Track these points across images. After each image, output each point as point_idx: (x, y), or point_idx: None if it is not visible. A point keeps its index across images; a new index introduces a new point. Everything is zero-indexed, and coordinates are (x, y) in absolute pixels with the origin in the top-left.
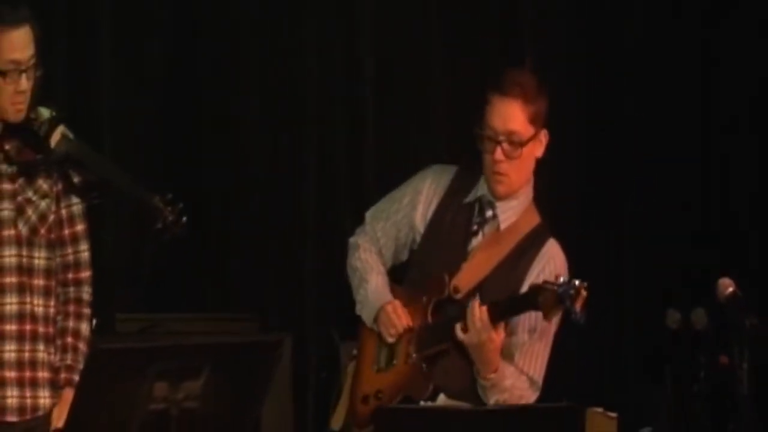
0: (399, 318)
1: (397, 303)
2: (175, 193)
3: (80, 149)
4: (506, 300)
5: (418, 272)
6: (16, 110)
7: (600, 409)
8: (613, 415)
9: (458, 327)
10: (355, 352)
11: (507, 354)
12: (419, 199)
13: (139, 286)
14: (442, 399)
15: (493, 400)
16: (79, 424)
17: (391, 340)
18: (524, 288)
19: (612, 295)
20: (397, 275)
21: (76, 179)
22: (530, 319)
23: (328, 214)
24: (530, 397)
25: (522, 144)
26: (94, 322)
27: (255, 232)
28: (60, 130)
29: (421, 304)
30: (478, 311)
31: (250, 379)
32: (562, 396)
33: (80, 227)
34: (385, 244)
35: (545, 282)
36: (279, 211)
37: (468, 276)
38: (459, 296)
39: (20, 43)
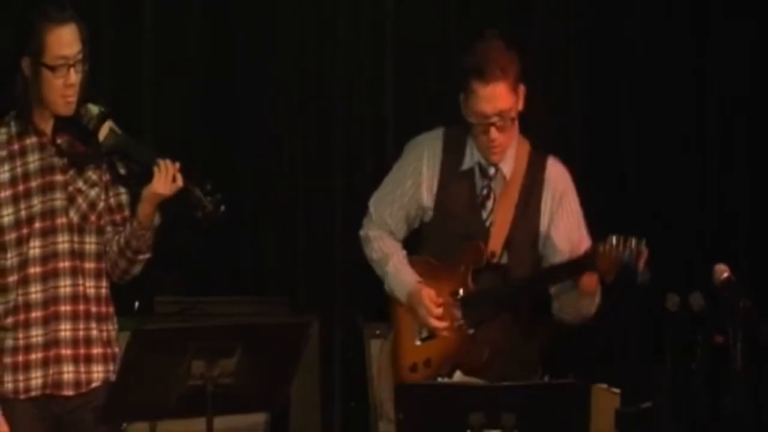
0: (434, 303)
1: (425, 290)
2: (214, 181)
3: (126, 142)
4: (550, 270)
5: (436, 243)
6: (66, 103)
7: (604, 386)
8: (617, 390)
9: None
10: (378, 332)
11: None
12: (421, 179)
13: (178, 271)
14: (458, 375)
15: (587, 309)
16: (123, 399)
17: (436, 329)
18: (543, 219)
19: (617, 280)
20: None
21: (122, 170)
22: (563, 223)
23: (354, 206)
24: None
25: (510, 110)
26: (136, 304)
27: (286, 221)
28: (108, 125)
29: (458, 273)
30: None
31: (281, 358)
32: (570, 373)
33: (126, 214)
34: (396, 225)
35: (600, 244)
36: (308, 202)
37: (497, 238)
38: (495, 260)
39: (67, 39)
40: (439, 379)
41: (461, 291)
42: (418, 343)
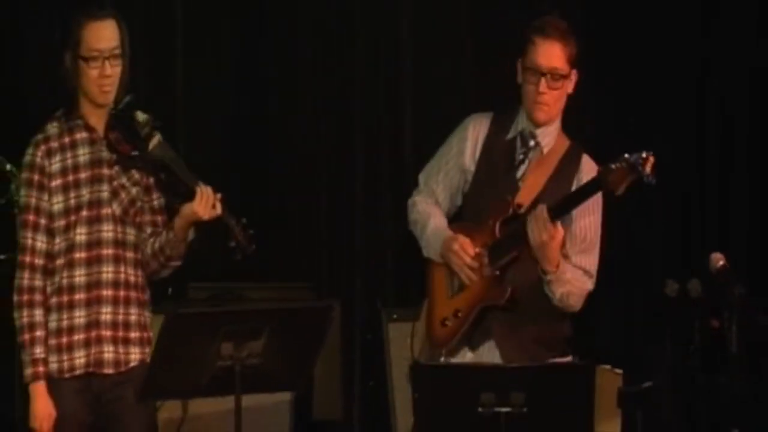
0: (467, 252)
1: (460, 237)
2: (244, 179)
3: (173, 158)
4: (567, 196)
5: (473, 206)
6: (102, 92)
7: (608, 367)
8: (619, 371)
9: (528, 230)
10: (395, 316)
11: (565, 254)
12: (465, 145)
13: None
14: (469, 357)
15: (558, 293)
16: (158, 379)
17: (466, 279)
18: None
19: (620, 268)
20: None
21: (164, 181)
22: (584, 221)
23: (373, 199)
24: (588, 286)
25: (563, 77)
26: (169, 290)
27: (310, 213)
28: (158, 136)
29: (486, 227)
30: (540, 210)
31: (305, 340)
32: (576, 355)
33: (165, 217)
34: (441, 193)
35: (611, 163)
36: (331, 195)
37: (526, 194)
38: (522, 210)
39: (103, 34)
40: (452, 361)
41: (489, 242)
42: (449, 298)
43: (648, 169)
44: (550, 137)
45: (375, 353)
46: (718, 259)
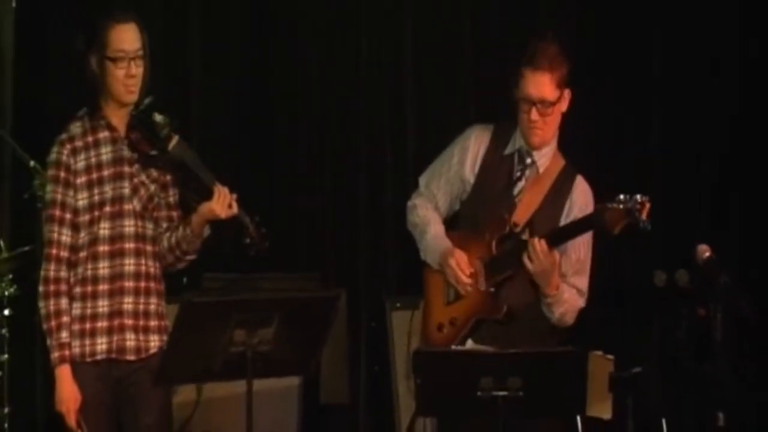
0: (463, 270)
1: (457, 251)
2: (254, 175)
3: (192, 158)
4: (564, 227)
5: (470, 216)
6: (128, 92)
7: (600, 353)
8: (611, 357)
9: (525, 259)
10: (398, 305)
11: (561, 275)
12: (467, 155)
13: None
14: (470, 344)
15: (557, 313)
16: (173, 365)
17: (462, 292)
18: (564, 218)
19: (611, 259)
20: (449, 224)
21: (182, 179)
22: (577, 243)
23: (376, 192)
24: (581, 304)
25: (552, 104)
26: (184, 280)
27: (318, 208)
28: (177, 137)
29: (484, 241)
30: (539, 244)
31: (313, 327)
32: (570, 342)
33: (180, 213)
34: (441, 198)
35: (608, 203)
36: (337, 191)
37: (522, 213)
38: (518, 230)
39: (128, 36)
40: (453, 347)
41: (486, 257)
42: (445, 305)
43: (644, 215)
44: (545, 158)
45: (379, 340)
46: (705, 251)
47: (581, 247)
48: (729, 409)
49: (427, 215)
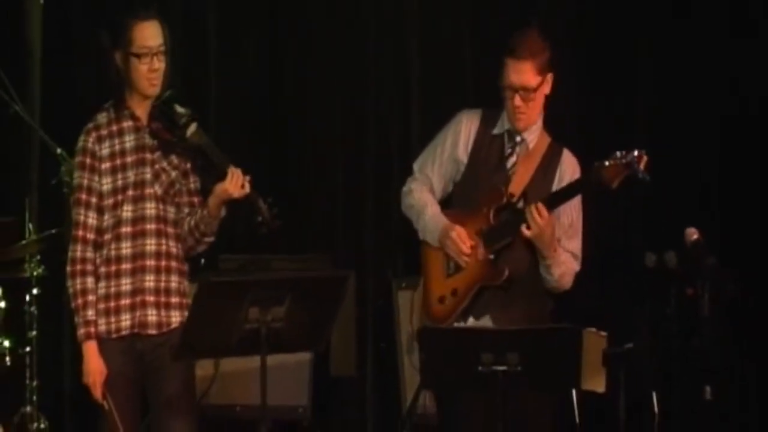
0: (463, 241)
1: (457, 227)
2: (267, 158)
3: (208, 144)
4: (561, 189)
5: (464, 194)
6: (150, 85)
7: (594, 330)
8: (604, 333)
9: (523, 227)
10: (404, 284)
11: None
12: (459, 137)
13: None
14: (471, 321)
15: (557, 274)
16: (191, 341)
17: (463, 264)
18: (555, 187)
19: (604, 241)
20: (443, 206)
21: (200, 164)
22: (568, 209)
23: (383, 178)
24: (576, 267)
25: (534, 90)
26: (202, 261)
27: (328, 192)
28: (195, 125)
29: (481, 214)
30: (538, 209)
31: (323, 306)
32: (565, 320)
33: (200, 198)
34: (436, 181)
35: (604, 160)
36: (346, 174)
37: (516, 184)
38: (514, 200)
39: (150, 33)
40: (455, 325)
41: (484, 228)
42: (445, 277)
43: (642, 166)
44: (534, 134)
45: (385, 318)
46: (693, 234)
47: (572, 211)
48: (715, 383)
49: (423, 197)
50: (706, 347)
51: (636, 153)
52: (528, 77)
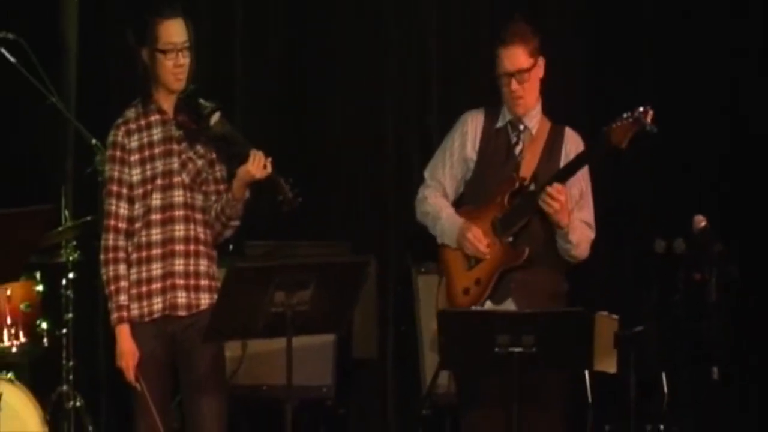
0: (480, 241)
1: (473, 227)
2: (290, 148)
3: (231, 131)
4: (572, 161)
5: (477, 189)
6: (176, 80)
7: (605, 313)
8: (615, 317)
9: (542, 205)
10: (423, 269)
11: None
12: (467, 138)
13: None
14: (488, 305)
15: (574, 240)
16: (220, 323)
17: (483, 253)
18: (563, 164)
19: (616, 228)
20: (456, 205)
21: (224, 151)
22: (577, 180)
23: (404, 167)
24: (591, 235)
25: (528, 71)
26: (230, 246)
27: (350, 180)
28: (218, 115)
29: (495, 203)
30: (553, 188)
31: (345, 290)
32: (578, 303)
33: (226, 186)
34: (448, 185)
35: (611, 123)
36: (368, 166)
37: (526, 169)
38: (526, 183)
39: (175, 30)
40: (473, 308)
41: (499, 214)
42: (467, 270)
43: (649, 119)
44: (535, 120)
45: (406, 301)
46: (700, 221)
47: (581, 182)
48: (722, 364)
49: (438, 202)
50: (712, 330)
51: (642, 109)
52: (520, 60)
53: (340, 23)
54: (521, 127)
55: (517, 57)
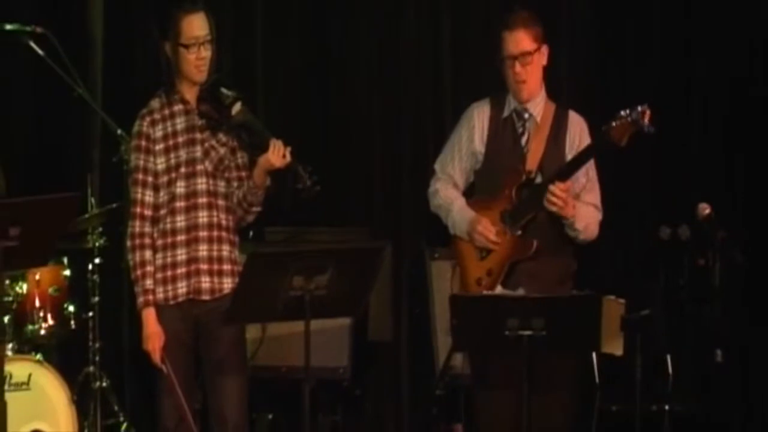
0: (490, 232)
1: (483, 219)
2: (309, 136)
3: (252, 120)
4: (573, 159)
5: (487, 180)
6: (198, 72)
7: (613, 297)
8: (622, 301)
9: (546, 202)
10: (437, 255)
11: (575, 196)
12: (474, 130)
13: (283, 207)
14: (499, 289)
15: (581, 227)
16: (241, 306)
17: (494, 244)
18: (568, 151)
19: (623, 216)
20: (466, 195)
21: (245, 139)
22: (584, 167)
23: (418, 155)
24: (599, 216)
25: (531, 54)
26: (251, 233)
27: (367, 167)
28: (239, 104)
29: (504, 196)
30: (556, 187)
31: (362, 274)
32: (586, 287)
33: (247, 173)
34: (458, 177)
35: (610, 122)
36: (384, 153)
37: (532, 161)
38: (533, 176)
39: (197, 25)
40: (484, 292)
41: (508, 207)
42: (479, 261)
43: (647, 120)
44: (539, 107)
45: (420, 286)
46: (705, 208)
47: (587, 168)
48: (725, 347)
49: (449, 194)
50: (716, 314)
51: (639, 109)
52: (524, 43)
53: (359, 15)
54: (526, 115)
55: (521, 40)
